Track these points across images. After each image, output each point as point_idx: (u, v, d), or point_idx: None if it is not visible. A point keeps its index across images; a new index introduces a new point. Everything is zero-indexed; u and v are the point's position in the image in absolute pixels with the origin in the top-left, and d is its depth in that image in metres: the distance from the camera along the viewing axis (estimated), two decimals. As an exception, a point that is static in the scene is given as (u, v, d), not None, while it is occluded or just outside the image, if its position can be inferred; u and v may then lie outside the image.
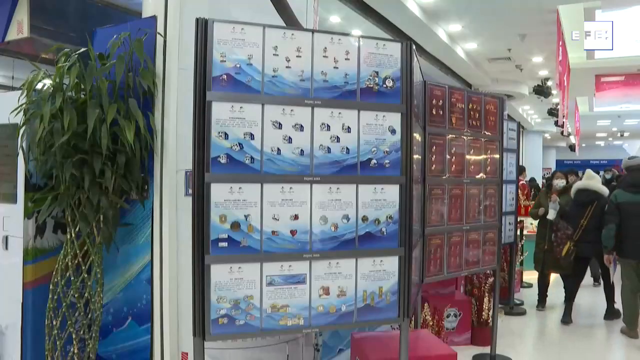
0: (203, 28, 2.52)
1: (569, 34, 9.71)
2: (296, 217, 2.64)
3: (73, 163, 3.14)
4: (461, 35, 10.90)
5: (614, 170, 12.23)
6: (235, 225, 2.54)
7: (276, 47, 2.62)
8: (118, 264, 3.60)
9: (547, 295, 7.00)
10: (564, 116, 11.48)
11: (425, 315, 4.85)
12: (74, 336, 3.29)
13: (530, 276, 8.26)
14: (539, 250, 6.81)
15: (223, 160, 2.52)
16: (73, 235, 3.27)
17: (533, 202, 11.59)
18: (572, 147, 28.43)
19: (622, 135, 29.90)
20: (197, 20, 2.52)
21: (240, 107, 2.55)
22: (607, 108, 18.99)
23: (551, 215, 6.45)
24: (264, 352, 3.39)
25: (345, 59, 2.74)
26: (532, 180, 17.83)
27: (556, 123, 15.85)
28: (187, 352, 3.35)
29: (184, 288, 3.34)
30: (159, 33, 3.42)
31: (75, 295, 3.28)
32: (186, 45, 3.25)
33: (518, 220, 6.86)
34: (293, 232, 2.63)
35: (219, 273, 2.53)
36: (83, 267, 3.30)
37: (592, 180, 6.40)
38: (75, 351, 3.30)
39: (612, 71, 11.76)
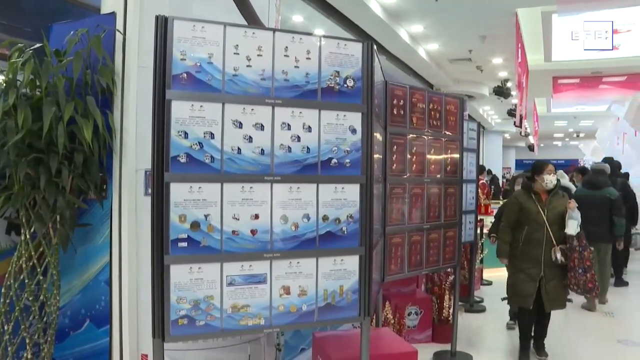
0: (163, 26, 2.49)
1: (527, 36, 9.93)
2: (256, 216, 2.63)
3: (28, 162, 3.06)
4: (423, 36, 11.02)
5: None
6: (195, 225, 2.52)
7: (237, 45, 2.61)
8: (76, 266, 3.52)
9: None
10: (522, 116, 11.72)
11: (387, 314, 4.90)
12: (27, 341, 3.20)
13: (490, 274, 8.42)
14: (526, 282, 4.77)
15: (183, 160, 2.50)
16: (28, 236, 3.18)
17: (497, 202, 11.80)
18: (531, 147, 29.06)
19: (578, 136, 30.71)
20: (156, 17, 2.49)
21: (201, 106, 2.53)
22: (564, 109, 19.51)
23: (572, 229, 4.62)
24: (225, 352, 3.37)
25: (307, 59, 2.75)
26: (494, 179, 18.18)
27: (515, 123, 16.17)
28: (146, 354, 3.30)
29: (143, 289, 3.29)
30: (118, 30, 3.37)
31: (30, 299, 3.19)
32: (146, 43, 3.21)
33: (478, 219, 6.96)
34: (253, 232, 2.63)
35: (178, 273, 2.51)
36: (38, 269, 3.22)
37: (563, 179, 7.58)
38: (29, 357, 3.21)
39: (568, 73, 12.06)
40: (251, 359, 3.47)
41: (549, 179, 4.76)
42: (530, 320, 4.98)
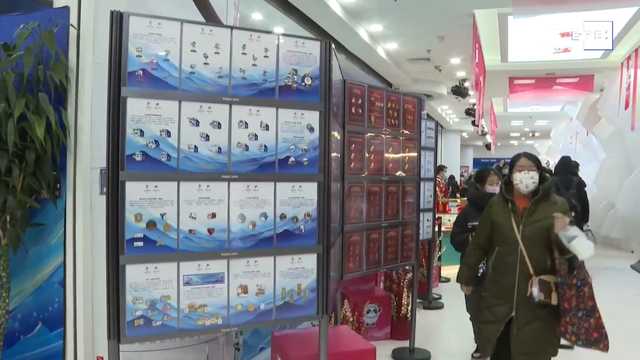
0: (118, 21, 2.44)
1: (484, 37, 10.13)
2: (214, 215, 2.61)
3: (-25, 160, 2.96)
4: (382, 36, 11.11)
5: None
6: (151, 224, 2.49)
7: (194, 43, 2.58)
8: (27, 267, 3.42)
9: None
10: (480, 116, 11.95)
11: (346, 312, 4.92)
12: (-27, 346, 3.10)
13: (448, 271, 8.54)
14: (488, 324, 3.42)
15: (138, 158, 2.47)
16: (-25, 237, 3.08)
17: (454, 202, 11.96)
18: (488, 146, 29.70)
19: (533, 135, 31.49)
20: (111, 13, 2.44)
21: (157, 104, 2.50)
22: (520, 109, 20.00)
23: (587, 253, 3.02)
24: (183, 352, 3.34)
25: (264, 57, 2.74)
26: (452, 178, 18.48)
27: (473, 122, 16.47)
28: (102, 356, 3.24)
29: (99, 289, 3.23)
30: (71, 25, 3.29)
31: (-23, 302, 3.10)
32: (101, 39, 3.14)
33: (436, 217, 7.06)
34: (210, 231, 2.61)
35: (134, 273, 2.47)
36: (-14, 271, 3.12)
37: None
38: (-26, 363, 3.12)
39: (524, 74, 12.37)
40: (210, 359, 3.44)
41: (520, 178, 3.30)
42: None
